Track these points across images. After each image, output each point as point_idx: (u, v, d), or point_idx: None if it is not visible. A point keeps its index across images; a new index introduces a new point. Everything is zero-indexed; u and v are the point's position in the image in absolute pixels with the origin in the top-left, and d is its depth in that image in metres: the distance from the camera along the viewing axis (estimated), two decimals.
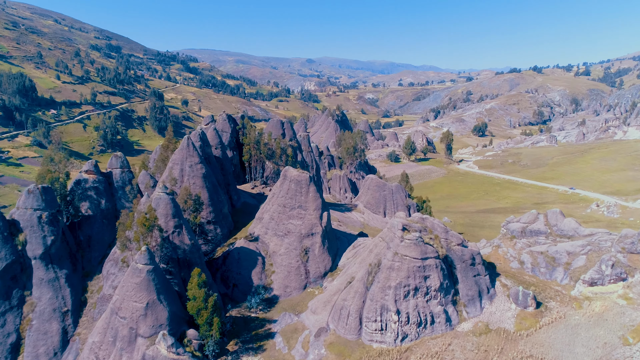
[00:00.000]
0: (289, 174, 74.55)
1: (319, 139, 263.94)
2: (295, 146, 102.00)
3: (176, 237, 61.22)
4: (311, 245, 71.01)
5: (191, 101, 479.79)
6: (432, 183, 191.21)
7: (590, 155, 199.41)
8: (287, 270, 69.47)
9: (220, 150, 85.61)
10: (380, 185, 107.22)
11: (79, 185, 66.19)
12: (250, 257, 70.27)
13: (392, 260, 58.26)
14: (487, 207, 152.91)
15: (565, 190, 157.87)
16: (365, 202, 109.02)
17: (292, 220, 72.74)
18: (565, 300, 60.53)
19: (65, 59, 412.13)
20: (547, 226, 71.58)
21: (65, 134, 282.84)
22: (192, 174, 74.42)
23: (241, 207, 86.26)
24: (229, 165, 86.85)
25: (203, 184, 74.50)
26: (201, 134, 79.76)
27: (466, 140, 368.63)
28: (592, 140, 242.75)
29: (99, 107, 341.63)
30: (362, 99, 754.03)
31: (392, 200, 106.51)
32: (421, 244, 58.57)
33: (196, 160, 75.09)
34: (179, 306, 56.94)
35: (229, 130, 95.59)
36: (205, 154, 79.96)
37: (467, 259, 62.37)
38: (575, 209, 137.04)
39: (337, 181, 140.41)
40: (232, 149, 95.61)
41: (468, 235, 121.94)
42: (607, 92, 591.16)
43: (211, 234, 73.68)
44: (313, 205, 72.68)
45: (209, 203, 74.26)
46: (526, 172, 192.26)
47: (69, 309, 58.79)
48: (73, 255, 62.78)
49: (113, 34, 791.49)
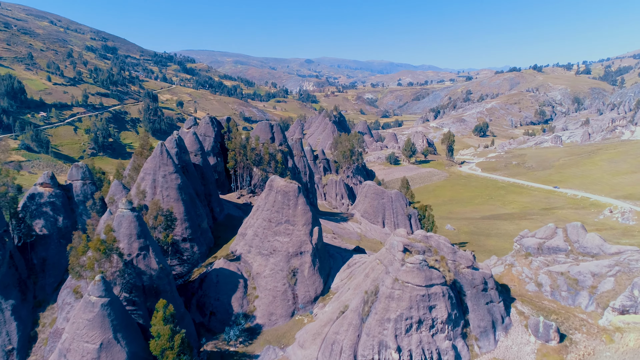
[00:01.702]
0: (275, 184, 66.16)
1: (315, 141, 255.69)
2: (285, 151, 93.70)
3: (141, 261, 52.83)
4: (300, 265, 62.63)
5: (187, 102, 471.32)
6: (433, 187, 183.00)
7: (598, 156, 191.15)
8: (272, 295, 61.07)
9: (200, 157, 77.18)
10: (379, 193, 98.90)
11: (33, 201, 57.78)
12: (231, 280, 61.87)
13: (391, 287, 49.91)
14: (492, 212, 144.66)
15: (574, 195, 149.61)
16: (363, 211, 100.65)
17: (278, 237, 64.34)
18: (593, 331, 52.18)
19: (57, 60, 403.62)
20: (567, 242, 63.34)
21: (55, 137, 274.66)
22: (166, 185, 66.03)
23: (224, 220, 77.87)
24: (210, 173, 78.44)
25: (178, 196, 66.12)
26: (177, 140, 71.34)
27: (467, 140, 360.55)
28: (599, 141, 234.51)
29: (91, 109, 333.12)
30: (360, 99, 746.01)
31: (392, 209, 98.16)
32: (425, 268, 50.22)
33: (170, 169, 66.69)
34: (142, 344, 48.52)
35: (212, 134, 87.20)
36: (182, 162, 71.59)
37: (478, 283, 54.02)
38: (587, 215, 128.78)
39: (333, 187, 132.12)
40: (215, 155, 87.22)
41: (473, 245, 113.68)
42: (609, 90, 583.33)
43: (187, 253, 65.29)
44: (302, 219, 64.29)
45: (185, 218, 65.87)
46: (532, 175, 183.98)
47: (14, 347, 50.38)
48: (23, 282, 54.35)
49: (110, 35, 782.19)
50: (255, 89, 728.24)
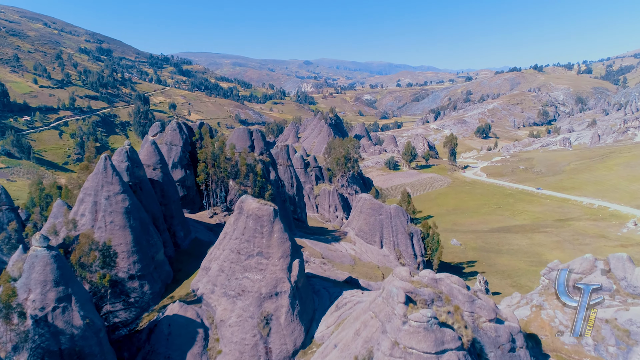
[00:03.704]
0: (246, 206, 53.36)
1: (310, 145, 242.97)
2: (267, 161, 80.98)
3: (59, 316, 40.04)
4: (275, 310, 49.81)
5: (180, 105, 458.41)
6: (435, 194, 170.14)
7: (611, 160, 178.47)
8: (239, 350, 48.22)
9: (160, 171, 64.44)
10: (376, 208, 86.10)
11: None
12: (187, 331, 49.04)
13: (389, 354, 37.09)
14: (502, 224, 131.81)
15: (591, 204, 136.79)
16: (357, 228, 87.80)
17: (248, 274, 51.55)
18: None
19: (45, 62, 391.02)
20: (610, 279, 50.88)
21: (39, 142, 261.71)
22: (110, 209, 53.23)
23: (189, 247, 65.04)
24: (173, 190, 65.65)
25: (125, 223, 53.31)
26: (129, 151, 58.47)
27: (469, 142, 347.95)
28: (611, 143, 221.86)
29: (78, 112, 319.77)
30: (359, 100, 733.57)
31: (391, 227, 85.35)
32: (435, 327, 37.41)
33: (116, 188, 53.90)
34: None
35: (179, 142, 74.49)
36: (135, 179, 58.78)
37: (504, 342, 41.23)
38: (608, 228, 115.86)
39: (326, 197, 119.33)
40: (184, 167, 74.47)
41: (483, 264, 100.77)
42: (612, 90, 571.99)
43: (135, 294, 52.42)
44: (278, 251, 51.51)
45: (133, 250, 53.04)
46: (541, 181, 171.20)
47: None
48: None
49: (106, 38, 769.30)
50: (252, 91, 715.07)
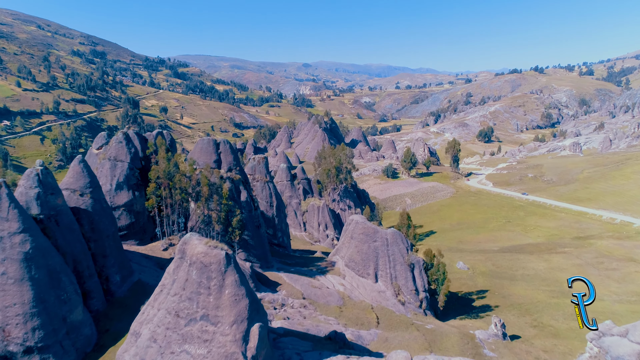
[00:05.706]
0: (190, 250, 39.16)
1: (303, 151, 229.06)
2: (237, 179, 66.93)
3: None
4: None
5: (173, 108, 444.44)
6: (437, 206, 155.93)
7: (629, 167, 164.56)
8: None
9: (90, 197, 50.42)
10: (370, 234, 71.96)
11: None
12: None
13: None
14: (513, 242, 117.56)
15: (612, 218, 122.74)
16: (348, 258, 73.57)
17: (189, 346, 37.35)
18: None
19: (31, 64, 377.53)
20: None
21: (19, 148, 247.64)
22: (2, 256, 39.07)
23: (128, 295, 50.72)
24: (108, 221, 51.54)
25: (24, 274, 39.20)
26: (41, 173, 44.25)
27: (471, 147, 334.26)
28: (624, 149, 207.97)
29: (63, 116, 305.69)
30: (358, 102, 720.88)
31: (387, 256, 71.19)
32: None
33: (14, 226, 39.81)
34: None
35: (126, 157, 60.45)
36: (49, 210, 44.64)
37: None
38: (635, 249, 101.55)
39: (315, 214, 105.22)
40: (132, 189, 60.34)
41: (495, 294, 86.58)
42: (616, 92, 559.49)
43: None
44: (231, 314, 37.34)
45: (33, 312, 38.95)
46: (553, 191, 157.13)
47: None
48: None
49: (101, 40, 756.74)
50: (249, 94, 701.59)
